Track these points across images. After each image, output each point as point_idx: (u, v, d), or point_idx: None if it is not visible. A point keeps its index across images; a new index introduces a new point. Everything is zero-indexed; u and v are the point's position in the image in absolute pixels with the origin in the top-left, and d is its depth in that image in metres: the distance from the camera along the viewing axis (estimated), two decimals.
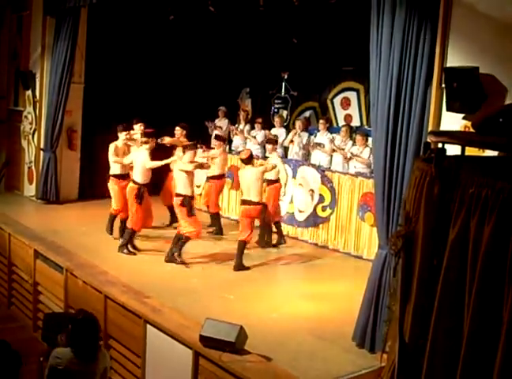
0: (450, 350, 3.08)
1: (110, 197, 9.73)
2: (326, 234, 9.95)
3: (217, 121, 12.71)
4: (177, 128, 10.32)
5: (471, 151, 3.75)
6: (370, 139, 9.13)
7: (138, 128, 9.86)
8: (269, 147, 10.08)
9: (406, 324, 3.33)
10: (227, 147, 11.79)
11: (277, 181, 9.68)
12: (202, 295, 7.41)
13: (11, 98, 13.14)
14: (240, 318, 6.11)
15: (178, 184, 8.67)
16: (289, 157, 11.09)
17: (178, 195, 8.59)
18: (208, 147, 11.40)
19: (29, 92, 12.42)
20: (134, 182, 9.01)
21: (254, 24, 12.05)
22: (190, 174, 8.60)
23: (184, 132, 10.26)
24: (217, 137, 10.89)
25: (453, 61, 5.60)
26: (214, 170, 10.28)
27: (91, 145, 12.53)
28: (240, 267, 8.42)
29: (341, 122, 12.05)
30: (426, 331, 3.19)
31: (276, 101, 13.45)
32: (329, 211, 9.92)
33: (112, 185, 9.54)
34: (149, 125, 9.99)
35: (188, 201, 8.49)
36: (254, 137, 11.87)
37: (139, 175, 9.00)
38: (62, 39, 11.52)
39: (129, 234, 8.96)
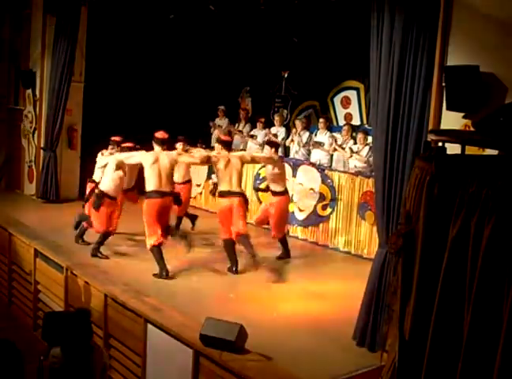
0: (450, 349, 3.08)
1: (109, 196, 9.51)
2: (326, 232, 9.95)
3: (217, 121, 12.73)
4: (177, 144, 9.49)
5: (471, 150, 3.75)
6: (370, 138, 9.13)
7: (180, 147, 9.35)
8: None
9: (406, 323, 3.32)
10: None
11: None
12: (202, 294, 7.40)
13: (11, 97, 13.14)
14: (240, 317, 6.10)
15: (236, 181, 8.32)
16: (290, 156, 11.09)
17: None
18: (209, 147, 11.35)
19: (29, 91, 12.41)
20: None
21: (255, 23, 12.03)
22: None
23: (184, 145, 9.61)
24: (269, 143, 9.52)
25: (453, 60, 5.59)
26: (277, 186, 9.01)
27: (91, 144, 12.50)
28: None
29: (341, 121, 12.04)
30: (426, 330, 3.18)
31: (276, 100, 13.43)
32: (329, 210, 9.92)
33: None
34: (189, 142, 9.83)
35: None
36: (254, 136, 11.86)
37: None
38: (62, 37, 11.53)
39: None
